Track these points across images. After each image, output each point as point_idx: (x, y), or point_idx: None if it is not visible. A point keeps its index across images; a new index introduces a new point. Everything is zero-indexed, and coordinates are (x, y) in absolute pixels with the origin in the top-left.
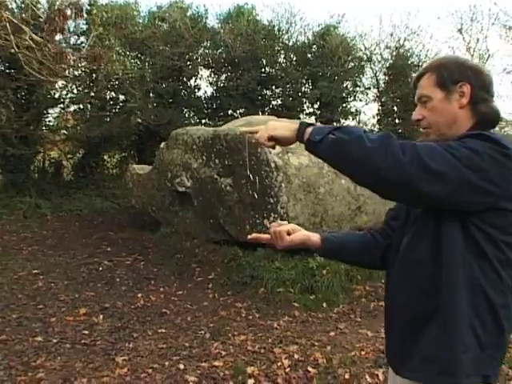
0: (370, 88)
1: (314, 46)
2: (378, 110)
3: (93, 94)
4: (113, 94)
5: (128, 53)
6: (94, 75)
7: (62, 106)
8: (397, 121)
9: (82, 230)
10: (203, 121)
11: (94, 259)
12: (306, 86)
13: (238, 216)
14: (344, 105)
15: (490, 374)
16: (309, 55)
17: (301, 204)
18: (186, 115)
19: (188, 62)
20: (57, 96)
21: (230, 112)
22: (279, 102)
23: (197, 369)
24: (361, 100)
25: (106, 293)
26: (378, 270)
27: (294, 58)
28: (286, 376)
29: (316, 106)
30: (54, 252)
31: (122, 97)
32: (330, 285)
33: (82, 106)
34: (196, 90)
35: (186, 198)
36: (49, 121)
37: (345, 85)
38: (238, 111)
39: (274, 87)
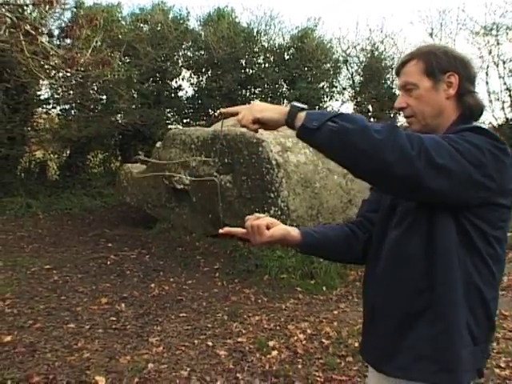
0: (346, 88)
1: (292, 48)
2: (354, 109)
3: (80, 95)
4: (99, 95)
5: (113, 54)
6: (82, 77)
7: (48, 106)
8: (372, 120)
9: (75, 228)
10: (185, 121)
11: (99, 254)
12: (285, 86)
13: (238, 210)
14: (321, 104)
15: (481, 367)
16: (287, 57)
17: (299, 198)
18: (169, 115)
19: (170, 64)
20: (46, 97)
21: (211, 112)
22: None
23: (224, 345)
24: (337, 100)
25: (121, 284)
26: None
27: (273, 60)
28: (304, 347)
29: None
30: (55, 249)
31: (104, 97)
32: (328, 271)
33: (68, 107)
34: (178, 91)
35: (183, 195)
36: (34, 121)
37: (321, 85)
38: (218, 111)
39: (253, 88)
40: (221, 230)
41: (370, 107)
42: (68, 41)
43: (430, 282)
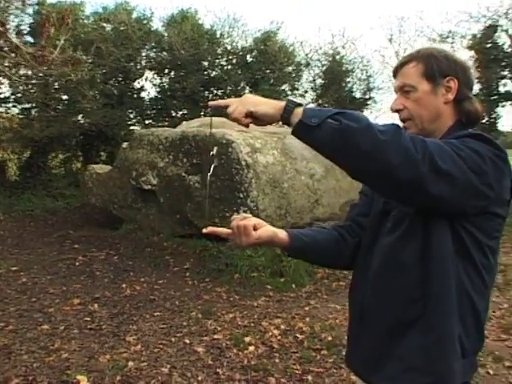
0: (307, 91)
1: (255, 51)
2: None
3: (42, 94)
4: (61, 94)
5: (76, 53)
6: (45, 75)
7: (8, 105)
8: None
9: (38, 229)
10: (147, 122)
11: (67, 255)
12: (248, 88)
13: (207, 210)
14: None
15: (468, 380)
16: (250, 59)
17: (268, 198)
18: (131, 116)
19: (133, 64)
20: (5, 95)
21: (173, 113)
22: None
23: (201, 342)
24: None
25: (92, 285)
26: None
27: (236, 62)
28: (280, 342)
29: None
30: (20, 251)
31: (65, 97)
32: (296, 269)
33: (29, 106)
34: (141, 92)
35: (150, 196)
36: None
37: (284, 88)
38: (180, 112)
39: (216, 89)
40: (205, 230)
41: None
42: (30, 39)
43: (424, 290)
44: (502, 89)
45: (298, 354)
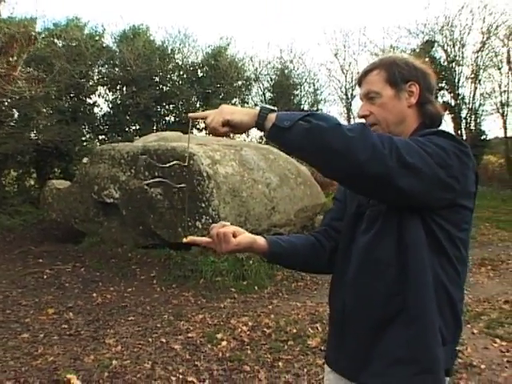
0: (257, 104)
1: (206, 66)
2: None
3: None
4: (17, 111)
5: (30, 69)
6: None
7: None
8: None
9: None
10: (100, 137)
11: (33, 269)
12: (199, 103)
13: (169, 221)
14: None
15: (450, 367)
16: (201, 74)
17: (229, 206)
18: (84, 132)
19: (86, 80)
20: None
21: (126, 128)
22: (173, 119)
23: (177, 340)
24: None
25: (63, 295)
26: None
27: (187, 77)
28: (249, 336)
29: None
30: None
31: (16, 114)
32: (258, 272)
33: None
34: (94, 108)
35: (112, 209)
36: None
37: (234, 101)
38: (133, 127)
39: (168, 104)
40: (185, 240)
41: None
42: None
43: (403, 284)
44: (440, 99)
45: (267, 346)
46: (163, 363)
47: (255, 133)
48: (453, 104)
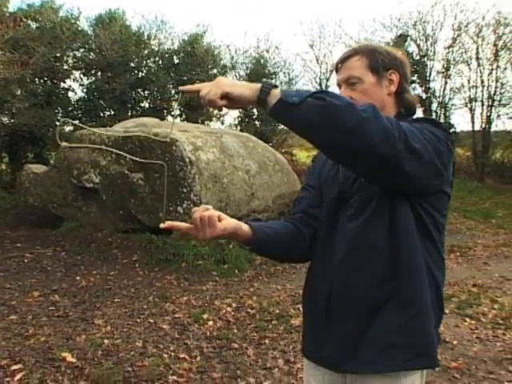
0: None
1: (182, 53)
2: (240, 112)
3: None
4: None
5: (5, 50)
6: None
7: None
8: (257, 122)
9: None
10: (75, 122)
11: (13, 253)
12: (175, 89)
13: (150, 205)
14: (209, 108)
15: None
16: (177, 61)
17: (210, 192)
18: (59, 116)
19: (61, 64)
20: None
21: (101, 114)
22: (148, 105)
23: (164, 321)
24: None
25: (46, 279)
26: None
27: (163, 63)
28: (234, 316)
29: (183, 109)
30: None
31: None
32: (238, 256)
33: None
34: (69, 92)
35: (91, 194)
36: None
37: None
38: (107, 113)
39: (143, 91)
40: (162, 225)
41: (255, 110)
42: None
43: (396, 269)
44: (412, 92)
45: (252, 325)
46: (154, 342)
47: (229, 120)
48: (424, 97)
